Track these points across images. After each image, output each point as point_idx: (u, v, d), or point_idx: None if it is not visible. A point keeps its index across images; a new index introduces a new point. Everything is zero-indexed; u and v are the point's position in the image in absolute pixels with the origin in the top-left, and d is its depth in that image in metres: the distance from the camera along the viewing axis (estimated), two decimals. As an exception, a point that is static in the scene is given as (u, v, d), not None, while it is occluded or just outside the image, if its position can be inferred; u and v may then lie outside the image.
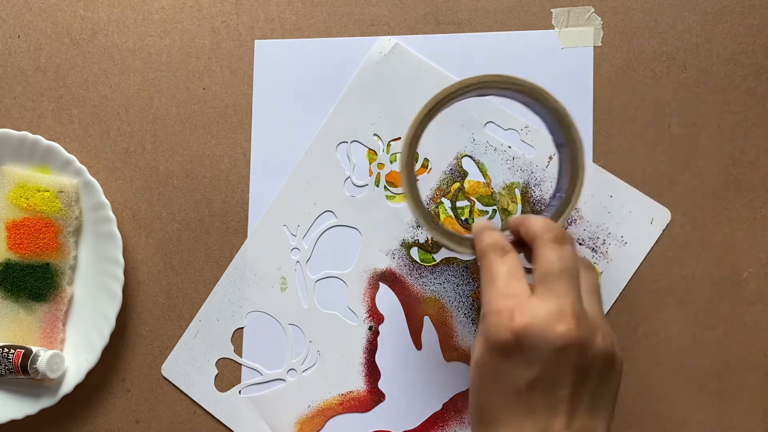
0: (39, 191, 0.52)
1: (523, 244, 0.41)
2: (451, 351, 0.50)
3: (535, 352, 0.36)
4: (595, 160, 0.48)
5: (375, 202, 0.51)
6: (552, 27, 0.51)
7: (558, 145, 0.44)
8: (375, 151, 0.52)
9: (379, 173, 0.52)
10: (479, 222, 0.43)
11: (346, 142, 0.52)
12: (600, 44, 0.50)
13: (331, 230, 0.52)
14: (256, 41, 0.53)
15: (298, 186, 0.52)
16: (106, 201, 0.51)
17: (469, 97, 0.44)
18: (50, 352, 0.51)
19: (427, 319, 0.51)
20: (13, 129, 0.53)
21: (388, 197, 0.51)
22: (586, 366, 0.36)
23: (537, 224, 0.40)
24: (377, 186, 0.52)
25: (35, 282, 0.52)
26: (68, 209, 0.52)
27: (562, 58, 0.50)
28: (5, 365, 0.51)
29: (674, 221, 0.50)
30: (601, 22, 0.50)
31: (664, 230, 0.49)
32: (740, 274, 0.49)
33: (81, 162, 0.52)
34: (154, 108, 0.53)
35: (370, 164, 0.52)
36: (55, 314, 0.53)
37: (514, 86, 0.42)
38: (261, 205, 0.52)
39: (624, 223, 0.49)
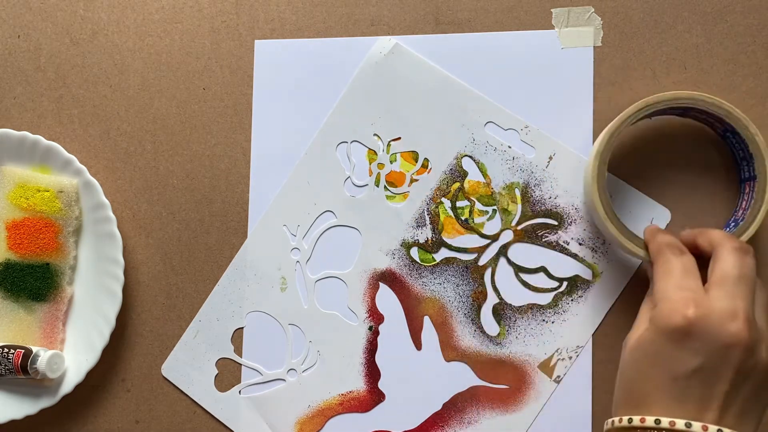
0: (39, 191, 0.52)
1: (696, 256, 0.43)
2: (451, 351, 0.50)
3: (704, 343, 0.37)
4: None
5: (375, 202, 0.51)
6: (552, 27, 0.51)
7: (744, 180, 0.47)
8: (375, 151, 0.52)
9: (379, 173, 0.52)
10: (652, 226, 0.46)
11: (346, 142, 0.52)
12: (600, 44, 0.50)
13: (331, 230, 0.52)
14: (256, 41, 0.53)
15: (298, 186, 0.52)
16: (106, 201, 0.51)
17: (671, 113, 0.47)
18: (50, 352, 0.51)
19: (427, 319, 0.51)
20: (13, 129, 0.53)
21: (388, 197, 0.51)
22: (748, 370, 0.37)
23: (720, 233, 0.42)
24: (377, 186, 0.52)
25: (35, 282, 0.52)
26: (68, 209, 0.52)
27: (562, 58, 0.50)
28: (5, 365, 0.51)
29: (674, 221, 0.49)
30: (601, 22, 0.50)
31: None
32: (740, 274, 0.49)
33: (81, 162, 0.52)
34: (154, 108, 0.53)
35: (370, 164, 0.52)
36: (55, 314, 0.52)
37: (723, 111, 0.45)
38: (261, 205, 0.52)
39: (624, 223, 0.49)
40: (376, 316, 0.51)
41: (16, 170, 0.52)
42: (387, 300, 0.51)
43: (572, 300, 0.50)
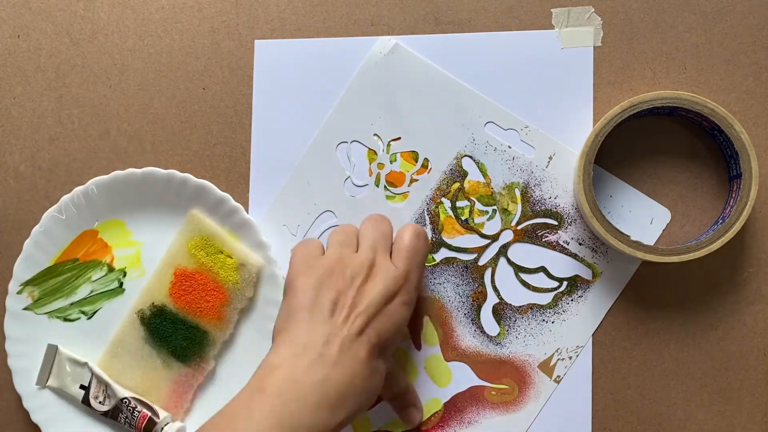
0: (222, 254, 0.50)
1: None
2: (451, 351, 0.50)
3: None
4: (595, 161, 0.48)
5: (375, 202, 0.51)
6: (552, 27, 0.51)
7: (732, 178, 0.48)
8: (375, 151, 0.52)
9: (379, 173, 0.52)
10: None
11: (346, 142, 0.52)
12: (600, 44, 0.50)
13: (331, 230, 0.52)
14: (256, 41, 0.53)
15: (298, 186, 0.52)
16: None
17: (659, 113, 0.48)
18: (177, 425, 0.49)
19: (427, 319, 0.51)
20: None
21: (388, 197, 0.51)
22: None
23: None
24: (377, 186, 0.52)
25: (183, 341, 0.50)
26: (244, 286, 0.50)
27: (562, 58, 0.50)
28: (128, 419, 0.49)
29: (674, 221, 0.50)
30: (601, 22, 0.50)
31: (664, 230, 0.50)
32: (740, 274, 0.49)
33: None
34: (154, 108, 0.53)
35: (370, 164, 0.52)
36: (189, 381, 0.50)
37: (707, 110, 0.46)
38: (261, 205, 0.52)
39: (624, 223, 0.49)
40: (376, 316, 0.51)
41: (205, 220, 0.50)
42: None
43: (572, 300, 0.50)
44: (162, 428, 0.49)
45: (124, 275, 0.52)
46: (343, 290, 0.43)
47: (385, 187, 0.51)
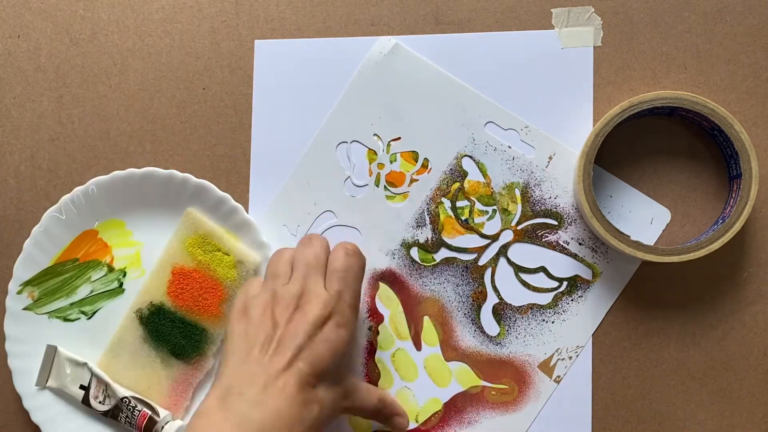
0: (219, 251, 0.50)
1: None
2: (451, 351, 0.50)
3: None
4: (595, 161, 0.48)
5: (375, 202, 0.51)
6: (552, 27, 0.51)
7: (732, 178, 0.48)
8: (375, 151, 0.52)
9: (379, 173, 0.52)
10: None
11: (346, 142, 0.52)
12: (600, 44, 0.50)
13: (331, 230, 0.52)
14: (256, 41, 0.53)
15: (298, 186, 0.52)
16: None
17: (658, 113, 0.48)
18: (177, 423, 0.49)
19: (427, 319, 0.51)
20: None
21: (388, 197, 0.51)
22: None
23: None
24: (377, 186, 0.52)
25: (182, 339, 0.50)
26: (242, 283, 0.50)
27: (562, 58, 0.50)
28: (128, 419, 0.49)
29: (674, 221, 0.50)
30: (601, 22, 0.50)
31: (663, 230, 0.50)
32: (740, 274, 0.49)
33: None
34: (154, 108, 0.53)
35: (370, 164, 0.52)
36: (189, 379, 0.50)
37: (707, 110, 0.46)
38: (261, 205, 0.52)
39: (624, 223, 0.49)
40: (376, 316, 0.51)
41: (202, 218, 0.50)
42: (387, 300, 0.51)
43: (572, 300, 0.50)
44: (162, 427, 0.49)
45: (124, 275, 0.52)
46: (272, 327, 0.43)
47: (385, 187, 0.51)
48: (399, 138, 0.51)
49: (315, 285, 0.44)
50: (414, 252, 0.51)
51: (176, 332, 0.50)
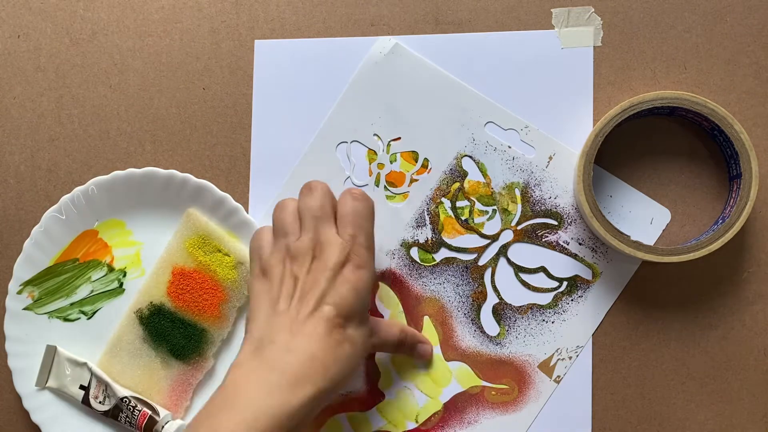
0: (219, 252, 0.50)
1: None
2: (451, 351, 0.50)
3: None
4: (595, 161, 0.48)
5: (375, 202, 0.51)
6: (552, 27, 0.51)
7: (732, 178, 0.48)
8: (375, 151, 0.52)
9: (379, 173, 0.52)
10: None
11: (346, 142, 0.52)
12: (600, 44, 0.50)
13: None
14: (256, 41, 0.53)
15: (298, 186, 0.52)
16: None
17: (658, 113, 0.48)
18: (177, 423, 0.49)
19: (427, 319, 0.51)
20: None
21: (388, 197, 0.51)
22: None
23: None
24: (377, 186, 0.52)
25: (182, 339, 0.50)
26: (242, 284, 0.50)
27: (562, 58, 0.50)
28: (128, 419, 0.49)
29: (674, 221, 0.50)
30: (601, 22, 0.50)
31: (663, 230, 0.50)
32: (740, 274, 0.49)
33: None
34: (154, 108, 0.53)
35: (370, 164, 0.52)
36: (188, 379, 0.50)
37: (707, 110, 0.46)
38: (261, 205, 0.52)
39: (624, 223, 0.49)
40: (376, 316, 0.51)
41: (203, 219, 0.50)
42: (387, 300, 0.51)
43: (572, 300, 0.50)
44: (162, 426, 0.49)
45: (124, 275, 0.52)
46: (293, 281, 0.44)
47: (385, 187, 0.51)
48: (399, 138, 0.51)
49: (327, 233, 0.45)
50: (414, 252, 0.51)
51: (176, 332, 0.50)
